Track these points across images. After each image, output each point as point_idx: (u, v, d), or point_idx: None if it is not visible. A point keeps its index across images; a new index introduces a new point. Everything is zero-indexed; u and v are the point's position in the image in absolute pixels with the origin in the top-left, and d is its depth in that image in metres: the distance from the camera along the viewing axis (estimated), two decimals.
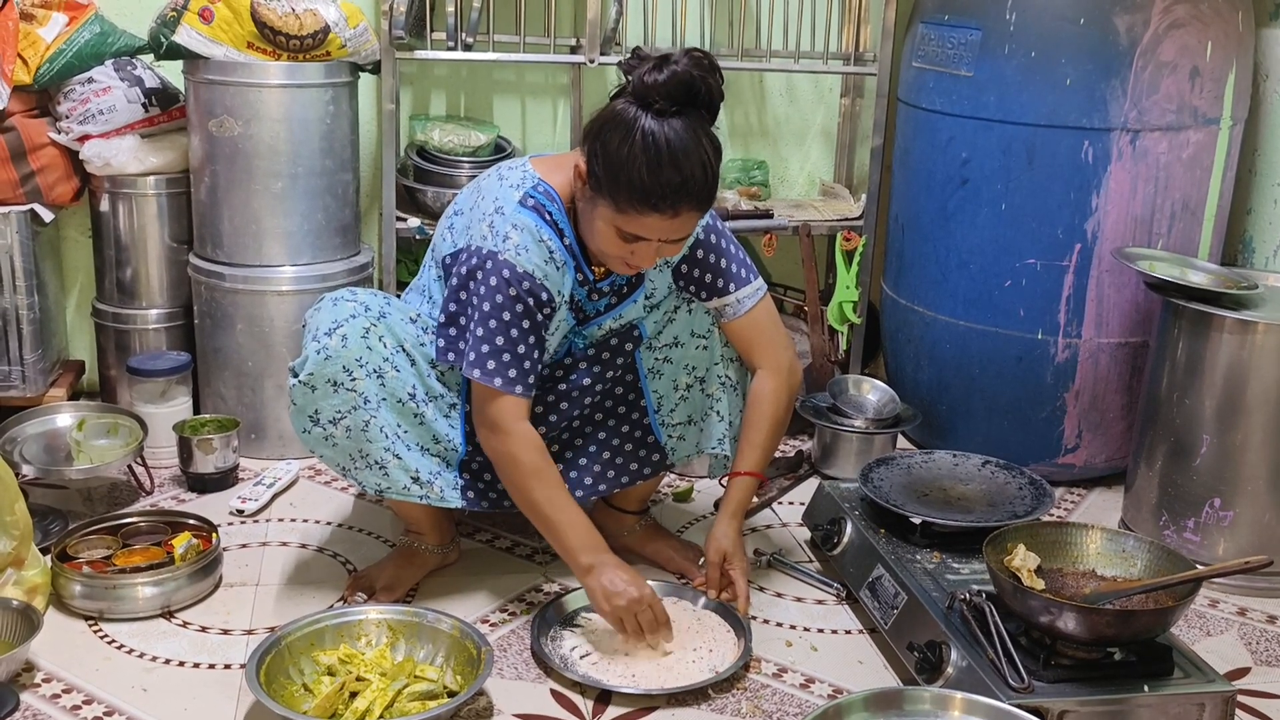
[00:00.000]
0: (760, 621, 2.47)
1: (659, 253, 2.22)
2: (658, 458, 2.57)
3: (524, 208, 2.24)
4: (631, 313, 2.44)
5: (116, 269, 3.24)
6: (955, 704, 1.98)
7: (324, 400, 2.26)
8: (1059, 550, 2.23)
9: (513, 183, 2.29)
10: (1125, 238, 2.94)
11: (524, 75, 3.57)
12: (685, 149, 2.08)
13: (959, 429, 3.21)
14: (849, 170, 3.78)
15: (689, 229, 2.20)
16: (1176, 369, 2.71)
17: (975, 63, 2.96)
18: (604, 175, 2.13)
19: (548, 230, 2.25)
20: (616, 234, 2.18)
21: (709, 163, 2.12)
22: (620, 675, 2.24)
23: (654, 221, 2.13)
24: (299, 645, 2.18)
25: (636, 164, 2.08)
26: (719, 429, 2.56)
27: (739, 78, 3.68)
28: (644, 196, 2.10)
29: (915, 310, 3.25)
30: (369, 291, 2.37)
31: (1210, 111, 2.90)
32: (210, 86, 2.99)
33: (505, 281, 2.21)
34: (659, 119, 2.08)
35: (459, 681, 2.14)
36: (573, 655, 2.30)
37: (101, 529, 2.57)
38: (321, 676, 2.14)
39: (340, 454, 2.32)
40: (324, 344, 2.24)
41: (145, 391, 3.06)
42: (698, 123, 2.11)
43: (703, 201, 2.15)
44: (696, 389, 2.55)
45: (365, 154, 3.44)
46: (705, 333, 2.52)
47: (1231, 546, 2.67)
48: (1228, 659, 2.44)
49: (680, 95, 2.08)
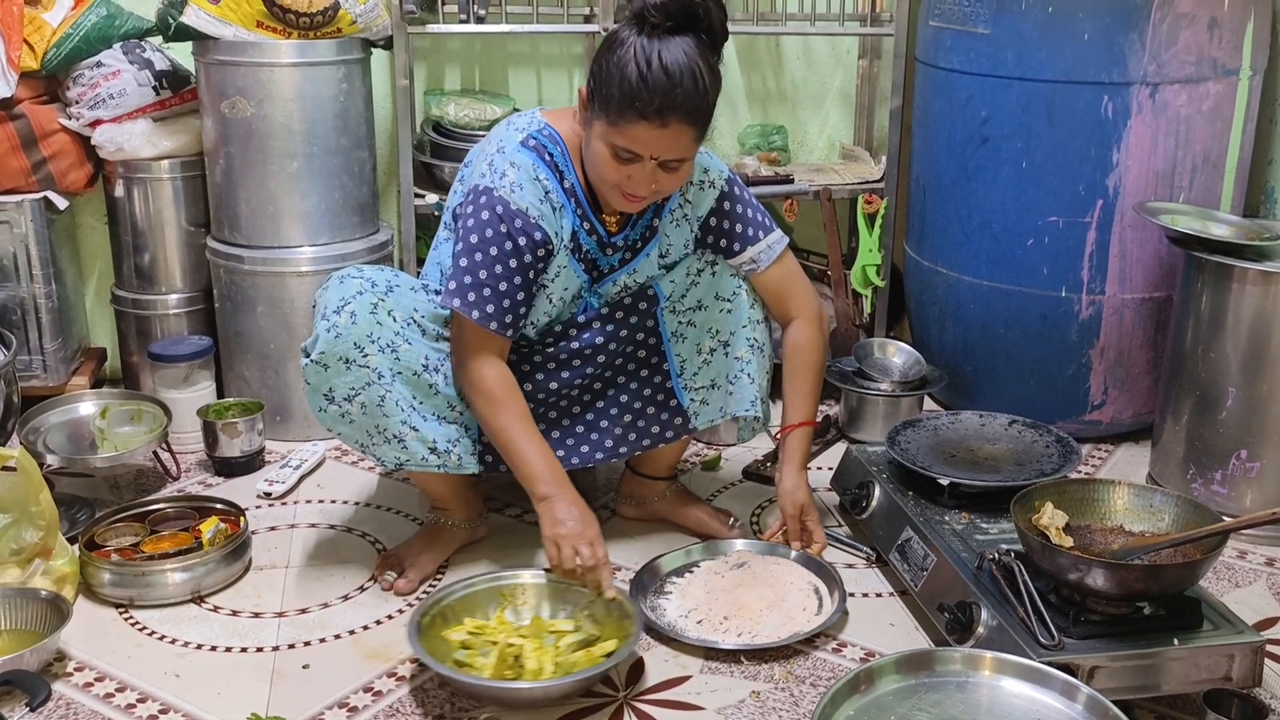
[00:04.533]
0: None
1: (656, 179, 2.21)
2: (680, 421, 2.56)
3: (524, 147, 2.27)
4: (646, 268, 2.44)
5: (134, 255, 3.24)
6: (986, 663, 1.98)
7: (337, 378, 2.26)
8: (1086, 507, 2.22)
9: (519, 126, 2.32)
10: (1147, 192, 2.91)
11: (538, 46, 3.55)
12: (676, 60, 2.11)
13: (985, 389, 3.19)
14: (868, 132, 3.75)
15: (681, 149, 2.19)
16: (1200, 323, 2.69)
17: (992, 19, 2.93)
18: (599, 91, 2.16)
19: (545, 170, 2.27)
20: (612, 154, 2.19)
21: (701, 78, 2.13)
22: (726, 631, 2.30)
23: (644, 132, 2.14)
24: (459, 608, 2.24)
25: (628, 71, 2.11)
26: (750, 391, 2.55)
27: (755, 42, 3.66)
28: (631, 102, 2.11)
29: (939, 271, 3.23)
30: (375, 268, 2.38)
31: (1229, 62, 2.87)
32: (221, 67, 2.99)
33: (498, 217, 2.22)
34: (653, 34, 2.12)
35: (597, 628, 2.22)
36: (680, 619, 2.34)
37: (129, 516, 2.58)
38: (457, 650, 2.16)
39: (358, 430, 2.32)
40: (334, 322, 2.24)
41: (168, 377, 3.06)
42: (696, 44, 2.13)
43: (694, 116, 2.15)
44: (720, 353, 2.55)
45: (381, 131, 3.43)
46: (730, 295, 2.51)
47: (1259, 497, 2.66)
48: (1257, 609, 2.43)
49: (678, 14, 2.12)
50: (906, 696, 1.95)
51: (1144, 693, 2.01)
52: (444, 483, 2.51)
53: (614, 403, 2.53)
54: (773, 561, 2.49)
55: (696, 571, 2.47)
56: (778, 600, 2.35)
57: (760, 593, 2.37)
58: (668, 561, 2.49)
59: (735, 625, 2.30)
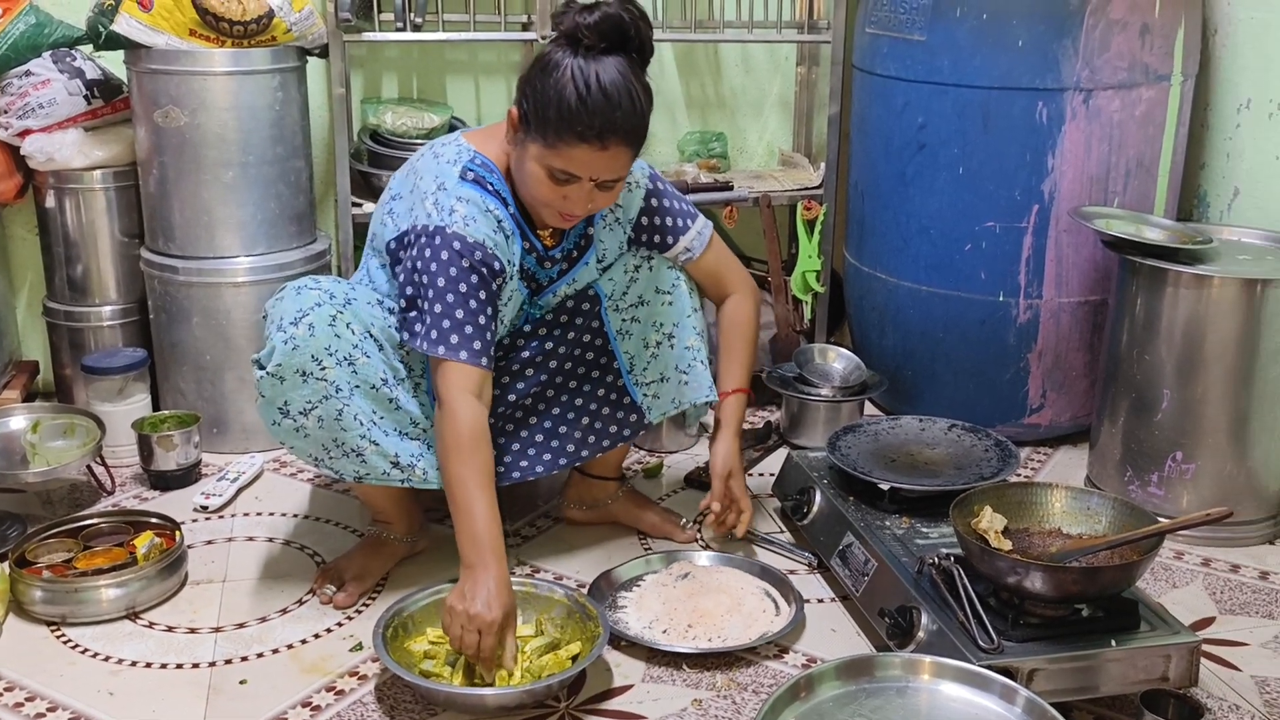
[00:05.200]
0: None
1: (592, 199, 2.21)
2: (635, 418, 2.56)
3: (465, 181, 2.24)
4: (585, 276, 2.44)
5: (66, 266, 3.19)
6: (925, 668, 1.99)
7: (294, 391, 2.23)
8: (1025, 510, 2.23)
9: (449, 159, 2.28)
10: (1082, 197, 2.94)
11: (476, 55, 3.54)
12: (614, 82, 2.11)
13: (925, 394, 3.21)
14: (808, 139, 3.77)
15: (618, 168, 2.19)
16: (1136, 325, 2.71)
17: (928, 27, 2.95)
18: (534, 113, 2.14)
19: (493, 200, 2.25)
20: (548, 175, 2.17)
21: (638, 99, 2.14)
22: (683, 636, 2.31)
23: (583, 154, 2.13)
24: (419, 618, 2.22)
25: (566, 93, 2.10)
26: (706, 377, 2.56)
27: (694, 50, 3.66)
28: (572, 125, 2.11)
29: (878, 277, 3.25)
30: (331, 279, 2.35)
31: (1161, 68, 2.90)
32: (153, 76, 2.95)
33: (458, 254, 2.18)
34: (589, 55, 2.11)
35: (560, 632, 2.24)
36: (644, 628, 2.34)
37: (61, 532, 2.54)
38: (421, 661, 2.16)
39: (312, 444, 2.29)
40: (290, 334, 2.21)
41: (102, 390, 3.02)
42: (629, 63, 2.14)
43: (632, 137, 2.16)
44: (667, 345, 2.55)
45: (317, 140, 3.40)
46: (670, 288, 2.52)
47: (1195, 499, 2.69)
48: (1193, 609, 2.45)
49: (611, 34, 2.11)
50: (847, 702, 1.95)
51: (1082, 694, 2.03)
52: (388, 496, 2.48)
53: (570, 407, 2.52)
54: (715, 570, 2.50)
55: (644, 584, 2.46)
56: (735, 605, 2.36)
57: (716, 599, 2.37)
58: (614, 577, 2.48)
59: (703, 631, 2.29)
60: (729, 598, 2.38)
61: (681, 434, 3.15)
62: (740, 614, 2.33)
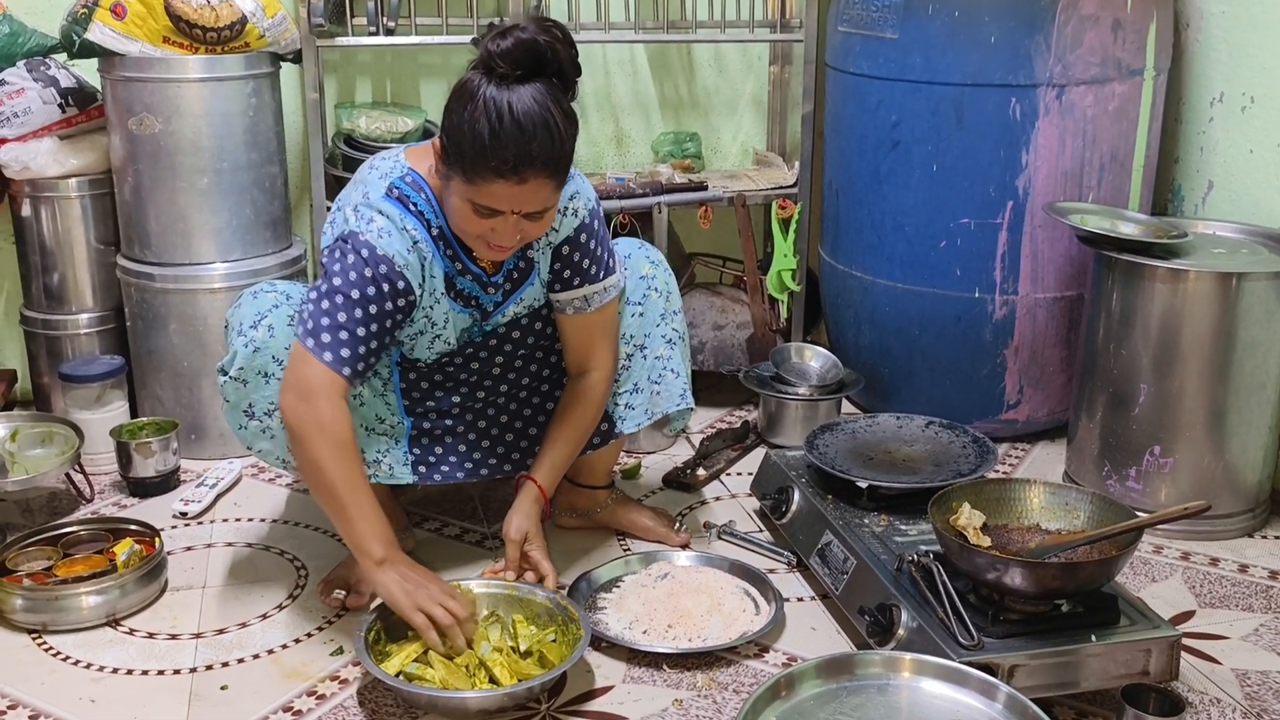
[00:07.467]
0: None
1: (520, 229, 2.15)
2: (606, 427, 2.55)
3: (388, 198, 2.20)
4: (532, 294, 2.40)
5: (43, 274, 3.18)
6: (906, 665, 2.00)
7: (257, 393, 2.23)
8: (1003, 507, 2.24)
9: (382, 172, 2.25)
10: (1056, 192, 2.95)
11: (449, 58, 3.53)
12: (528, 112, 2.02)
13: (902, 391, 3.22)
14: (782, 138, 3.78)
15: (542, 200, 2.12)
16: (1112, 320, 2.72)
17: (900, 25, 2.96)
18: (452, 148, 2.08)
19: (412, 220, 2.20)
20: (471, 209, 2.12)
21: (556, 128, 2.05)
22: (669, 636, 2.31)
23: (502, 189, 2.07)
24: (401, 622, 2.17)
25: (479, 128, 2.02)
26: (677, 386, 2.55)
27: (667, 50, 3.67)
28: (486, 162, 2.04)
29: (853, 275, 3.25)
30: (287, 282, 2.36)
31: (1133, 63, 2.91)
32: (128, 84, 2.94)
33: (363, 261, 2.14)
34: (502, 85, 2.04)
35: (530, 636, 2.22)
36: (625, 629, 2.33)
37: (41, 540, 2.53)
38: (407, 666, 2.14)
39: (279, 446, 2.29)
40: (250, 337, 2.22)
41: (80, 398, 3.01)
42: (547, 90, 2.06)
43: (552, 168, 2.08)
44: (638, 356, 2.55)
45: (292, 145, 3.40)
46: (640, 299, 2.52)
47: (1173, 492, 2.70)
48: (1173, 604, 2.46)
49: (526, 61, 2.04)
50: (828, 701, 1.95)
51: (1063, 690, 2.04)
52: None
53: (540, 411, 2.53)
54: (695, 570, 2.50)
55: (623, 585, 2.46)
56: (715, 605, 2.36)
57: (696, 599, 2.38)
58: (593, 578, 2.48)
59: (683, 632, 2.30)
60: (709, 597, 2.38)
61: (659, 435, 3.15)
62: (720, 614, 2.34)
